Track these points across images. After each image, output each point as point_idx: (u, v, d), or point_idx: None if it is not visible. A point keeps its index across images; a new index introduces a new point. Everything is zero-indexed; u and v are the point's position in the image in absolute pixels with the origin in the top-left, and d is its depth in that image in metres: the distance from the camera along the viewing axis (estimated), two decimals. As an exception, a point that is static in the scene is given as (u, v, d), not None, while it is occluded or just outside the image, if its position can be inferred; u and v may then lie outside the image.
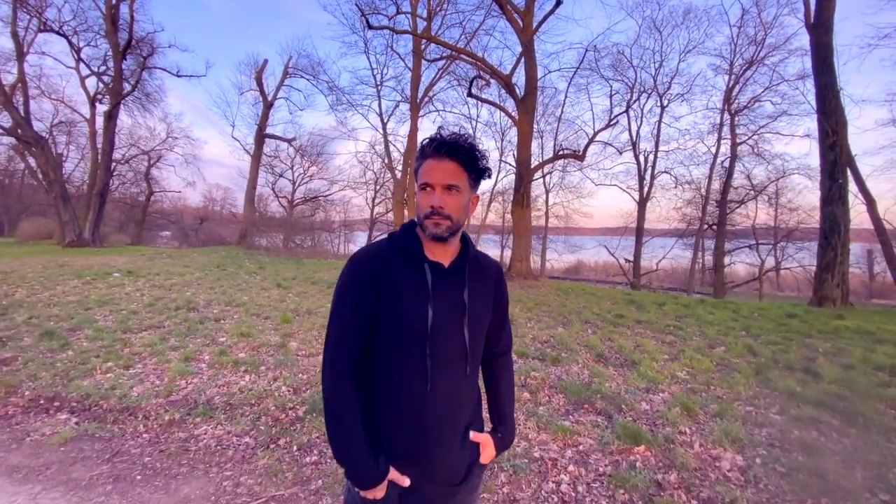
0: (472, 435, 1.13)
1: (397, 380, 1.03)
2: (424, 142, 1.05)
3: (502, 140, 26.41)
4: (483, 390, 1.25)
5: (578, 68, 14.68)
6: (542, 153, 23.35)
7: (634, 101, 20.65)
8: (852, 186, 10.72)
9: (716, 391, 3.62)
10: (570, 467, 2.50)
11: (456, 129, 1.05)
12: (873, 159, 56.72)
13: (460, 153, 1.02)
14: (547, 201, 26.93)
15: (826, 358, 4.43)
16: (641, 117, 22.20)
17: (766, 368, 4.08)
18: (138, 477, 2.34)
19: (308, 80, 21.64)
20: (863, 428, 2.97)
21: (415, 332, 1.01)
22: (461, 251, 1.12)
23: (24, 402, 3.16)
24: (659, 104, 21.74)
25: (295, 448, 2.65)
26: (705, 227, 20.90)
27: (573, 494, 2.28)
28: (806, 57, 14.88)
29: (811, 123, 17.24)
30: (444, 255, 1.08)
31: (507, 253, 27.44)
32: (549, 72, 22.54)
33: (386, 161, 22.14)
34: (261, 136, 21.45)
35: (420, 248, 1.06)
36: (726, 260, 20.86)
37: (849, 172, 9.99)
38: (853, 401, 3.34)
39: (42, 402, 3.18)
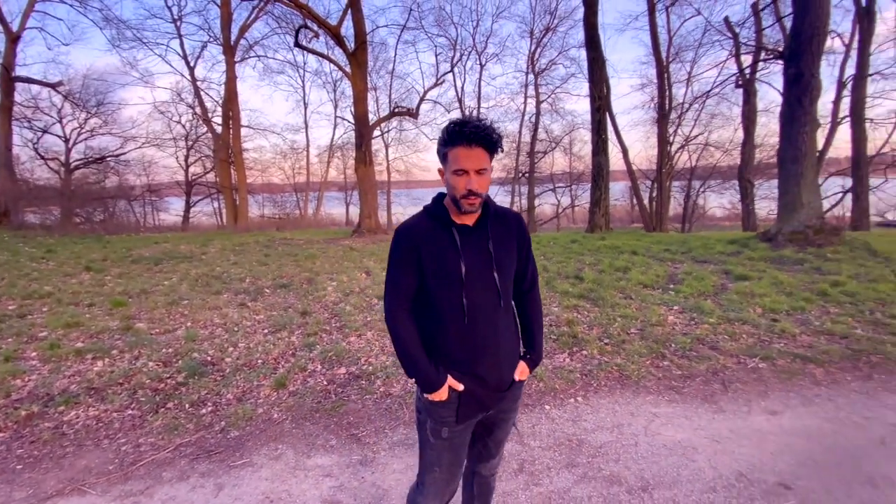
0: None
1: (447, 314, 1.28)
2: (452, 127, 1.20)
3: (335, 92, 25.47)
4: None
5: (405, 27, 15.02)
6: (378, 109, 23.48)
7: (458, 61, 22.20)
8: (613, 138, 14.17)
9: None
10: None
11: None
12: (628, 116, 72.53)
13: (488, 140, 1.18)
14: (387, 156, 27.47)
15: (589, 267, 6.35)
16: (465, 75, 24.08)
17: (553, 279, 5.71)
18: (18, 466, 2.32)
19: (71, 5, 16.84)
20: (603, 307, 4.62)
21: (454, 281, 1.26)
22: (483, 211, 1.32)
23: None
24: (478, 63, 23.84)
25: (187, 405, 2.89)
26: (520, 175, 24.56)
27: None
28: (584, 30, 18.17)
29: (590, 86, 21.43)
30: (470, 217, 1.30)
31: (353, 210, 27.50)
32: (378, 27, 22.30)
33: (199, 112, 19.26)
34: (8, 79, 16.16)
35: (448, 215, 1.29)
36: (536, 202, 25.15)
37: (610, 128, 13.18)
38: (600, 291, 5.07)
39: None
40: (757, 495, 2.02)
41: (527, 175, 24.29)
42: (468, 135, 1.16)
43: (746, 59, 16.00)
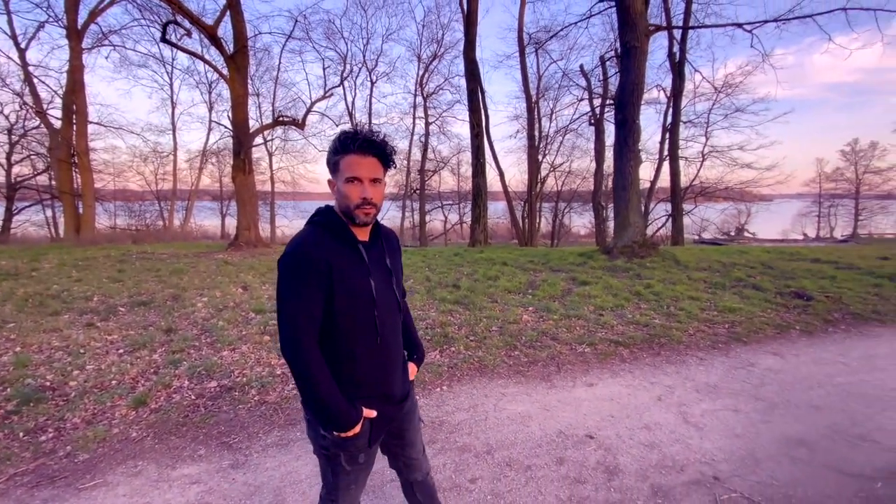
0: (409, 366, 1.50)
1: (358, 337, 1.23)
2: (345, 136, 1.17)
3: (210, 94, 23.46)
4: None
5: (290, 36, 14.70)
6: (261, 116, 22.27)
7: (348, 75, 22.25)
8: (492, 162, 15.61)
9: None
10: (305, 372, 3.50)
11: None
12: (505, 143, 79.83)
13: (380, 150, 1.18)
14: (271, 165, 26.03)
15: (466, 276, 7.00)
16: (355, 90, 24.19)
17: (434, 288, 6.19)
18: None
19: None
20: (473, 310, 5.20)
21: (366, 300, 1.22)
22: (373, 228, 1.32)
23: None
24: (369, 79, 24.19)
25: (21, 434, 2.58)
26: (411, 191, 25.33)
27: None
28: (466, 61, 19.76)
29: (472, 112, 23.28)
30: (364, 233, 1.28)
31: (230, 221, 25.26)
32: (260, 32, 21.28)
33: (30, 102, 16.09)
34: None
35: (351, 232, 1.23)
36: (427, 218, 26.15)
37: (488, 153, 14.53)
38: (472, 297, 5.67)
39: None
40: (570, 445, 2.61)
41: (418, 192, 25.16)
42: (361, 143, 1.15)
43: (598, 102, 19.09)
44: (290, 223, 28.83)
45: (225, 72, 11.76)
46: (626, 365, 3.84)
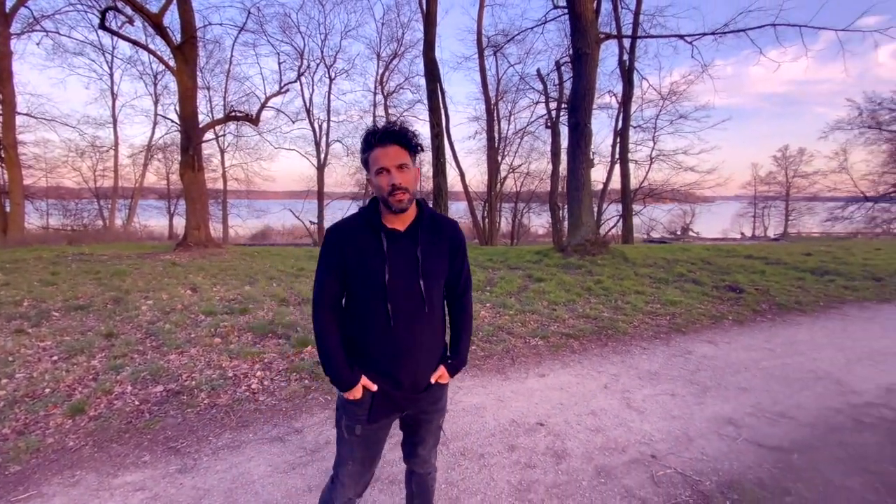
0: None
1: (370, 318, 1.31)
2: (366, 134, 1.28)
3: (155, 86, 22.18)
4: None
5: (243, 28, 14.16)
6: (211, 111, 21.30)
7: (305, 70, 21.71)
8: (452, 162, 15.74)
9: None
10: (258, 373, 3.43)
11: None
12: (466, 143, 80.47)
13: (401, 137, 1.25)
14: (223, 163, 24.95)
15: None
16: (313, 86, 23.64)
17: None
18: None
19: None
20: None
21: (377, 287, 1.27)
22: (417, 216, 1.35)
23: None
24: (328, 76, 23.71)
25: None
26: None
27: (261, 387, 3.23)
28: (426, 62, 19.81)
29: (433, 113, 23.37)
30: (401, 221, 1.32)
31: (179, 221, 23.98)
32: (211, 23, 20.37)
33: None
34: None
35: (379, 219, 1.31)
36: (387, 217, 25.89)
37: (449, 153, 14.65)
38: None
39: None
40: (521, 433, 2.72)
41: (377, 191, 24.84)
42: (381, 135, 1.24)
43: (554, 105, 19.70)
44: (244, 222, 27.75)
45: (172, 63, 11.19)
46: (576, 356, 4.03)
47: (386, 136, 1.24)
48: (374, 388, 1.33)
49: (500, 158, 20.91)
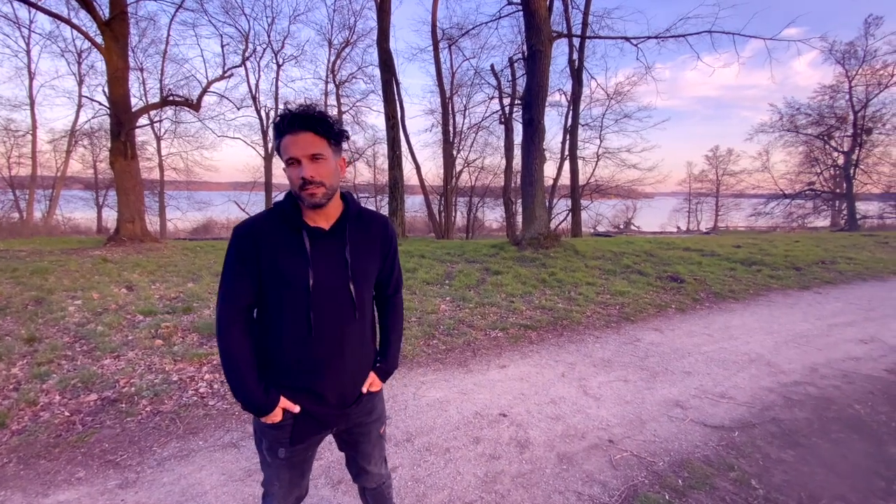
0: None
1: (288, 327, 1.15)
2: (276, 120, 1.11)
3: (80, 64, 20.15)
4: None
5: (181, 6, 13.12)
6: (146, 94, 19.67)
7: (250, 55, 20.56)
8: (408, 155, 15.57)
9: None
10: (207, 376, 3.21)
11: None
12: (422, 136, 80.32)
13: (314, 123, 1.07)
14: (159, 151, 23.18)
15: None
16: (259, 72, 22.46)
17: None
18: None
19: None
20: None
21: (299, 293, 1.13)
22: (343, 211, 1.20)
23: None
24: (275, 62, 22.59)
25: None
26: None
27: (210, 391, 3.03)
28: (380, 52, 19.41)
29: (388, 104, 22.96)
30: (325, 218, 1.17)
31: (109, 213, 22.02)
32: (143, -4, 18.70)
33: None
34: None
35: (299, 216, 1.14)
36: (341, 210, 25.31)
37: (404, 145, 14.46)
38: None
39: None
40: (485, 424, 2.75)
41: (330, 183, 24.15)
42: (291, 120, 1.07)
43: (507, 101, 20.00)
44: (185, 215, 25.99)
45: (99, 40, 10.15)
46: (535, 346, 4.13)
47: (296, 122, 1.07)
48: (297, 409, 1.19)
49: (455, 153, 20.97)
